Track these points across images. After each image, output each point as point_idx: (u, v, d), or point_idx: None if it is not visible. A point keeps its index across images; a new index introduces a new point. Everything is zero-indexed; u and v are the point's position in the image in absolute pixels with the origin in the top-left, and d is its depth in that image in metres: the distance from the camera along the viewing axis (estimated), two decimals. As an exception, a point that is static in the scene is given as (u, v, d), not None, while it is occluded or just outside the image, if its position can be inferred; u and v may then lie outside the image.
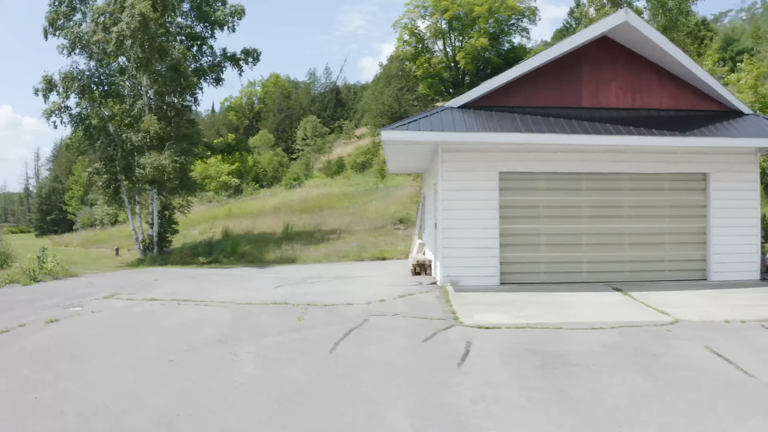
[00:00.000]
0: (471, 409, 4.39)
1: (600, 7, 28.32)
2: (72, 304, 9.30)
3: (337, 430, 4.09)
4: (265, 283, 11.01)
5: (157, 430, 4.18)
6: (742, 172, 10.25)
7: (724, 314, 7.53)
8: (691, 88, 10.29)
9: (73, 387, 5.19)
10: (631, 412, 4.34)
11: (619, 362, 5.52)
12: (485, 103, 9.75)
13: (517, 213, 9.72)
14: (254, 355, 5.94)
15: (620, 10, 9.36)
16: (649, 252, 10.06)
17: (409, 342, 6.23)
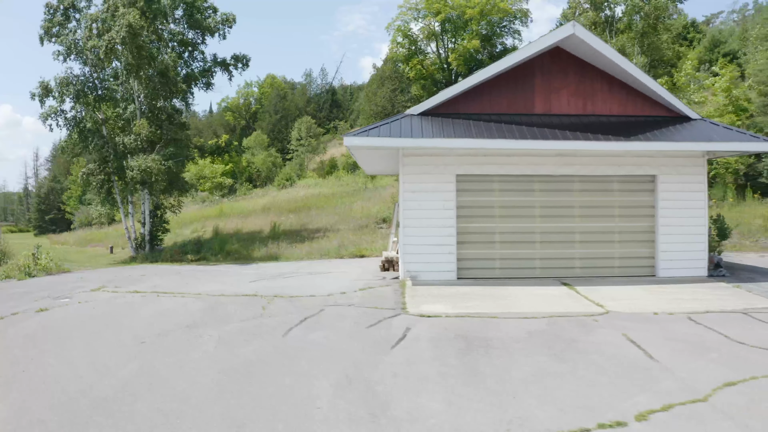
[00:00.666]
0: (388, 381, 5.15)
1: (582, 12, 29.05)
2: (62, 296, 10.05)
3: (269, 395, 4.85)
4: (242, 278, 11.76)
5: (120, 393, 4.95)
6: (689, 174, 10.98)
7: (657, 307, 8.26)
8: (640, 95, 11.03)
9: (55, 362, 5.96)
10: (529, 386, 5.06)
11: (537, 347, 6.26)
12: (444, 110, 10.51)
13: (474, 213, 10.47)
14: (215, 338, 6.70)
15: (568, 23, 10.09)
16: (599, 249, 10.80)
17: (355, 328, 6.99)
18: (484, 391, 4.94)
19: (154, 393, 4.97)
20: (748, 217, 19.68)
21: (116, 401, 4.80)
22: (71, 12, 20.17)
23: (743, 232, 18.99)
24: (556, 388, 5.02)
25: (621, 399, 4.79)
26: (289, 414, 4.48)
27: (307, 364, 5.69)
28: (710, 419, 4.36)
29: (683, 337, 6.75)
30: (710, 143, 10.25)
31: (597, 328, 7.06)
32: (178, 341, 6.64)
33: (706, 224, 11.13)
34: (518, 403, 4.66)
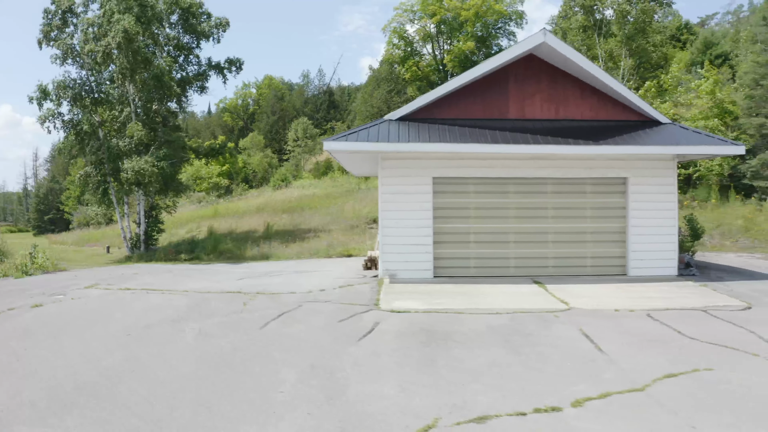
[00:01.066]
0: (349, 370, 5.62)
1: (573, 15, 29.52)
2: (56, 293, 10.52)
3: (239, 380, 5.33)
4: (230, 277, 12.24)
5: (104, 378, 5.43)
6: (660, 176, 11.43)
7: (620, 304, 8.70)
8: (611, 100, 11.50)
9: (47, 353, 6.44)
10: (479, 375, 5.52)
11: (495, 340, 6.72)
12: (421, 115, 10.98)
13: (450, 214, 10.94)
14: (197, 330, 7.18)
15: (539, 31, 10.56)
16: (571, 249, 11.27)
17: (328, 322, 7.47)
18: (436, 379, 5.40)
19: (135, 378, 5.45)
20: (729, 218, 20.11)
21: (100, 385, 5.27)
22: (69, 17, 20.64)
23: (724, 232, 19.45)
24: (504, 377, 5.48)
25: (563, 387, 5.23)
26: (254, 397, 4.95)
27: (278, 354, 6.16)
28: (642, 406, 4.77)
29: (637, 332, 7.20)
30: (678, 147, 10.71)
31: (556, 323, 7.52)
32: (162, 334, 7.11)
33: (676, 225, 11.59)
34: (465, 390, 5.12)
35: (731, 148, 11.11)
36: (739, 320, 7.84)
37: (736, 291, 9.99)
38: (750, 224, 19.32)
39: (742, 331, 7.29)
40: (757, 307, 8.67)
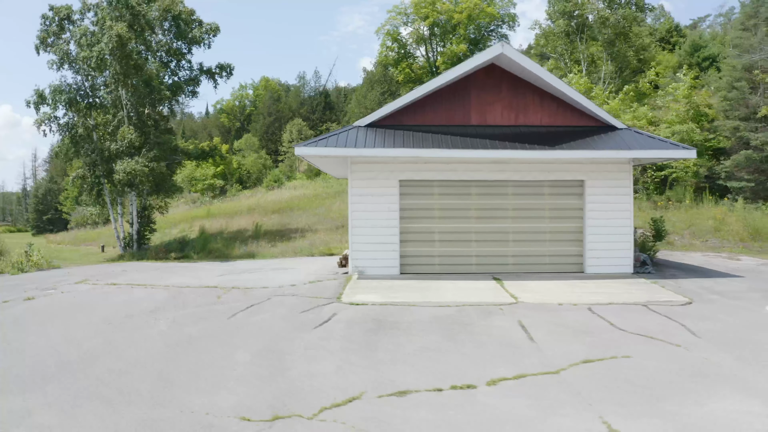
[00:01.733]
0: (298, 352, 6.37)
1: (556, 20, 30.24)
2: (48, 287, 11.27)
3: (199, 360, 6.09)
4: (212, 273, 12.98)
5: (83, 358, 6.19)
6: (616, 179, 12.15)
7: (566, 299, 9.39)
8: (569, 107, 12.22)
9: (35, 338, 7.20)
10: (411, 358, 6.26)
11: (436, 329, 7.45)
12: (389, 122, 11.72)
13: (415, 214, 11.69)
14: (170, 320, 7.93)
15: (498, 43, 11.29)
16: (531, 248, 12.01)
17: (290, 313, 8.22)
18: (372, 361, 6.15)
19: (109, 358, 6.20)
20: (701, 219, 20.81)
21: (78, 363, 6.03)
22: (66, 23, 21.37)
23: (695, 232, 20.17)
24: (434, 360, 6.22)
25: (484, 369, 5.96)
26: (211, 373, 5.70)
27: (239, 339, 6.91)
28: (550, 386, 5.47)
29: (572, 324, 7.90)
30: (631, 151, 11.44)
31: (498, 315, 8.25)
32: (138, 322, 7.86)
33: (631, 225, 12.32)
34: (395, 370, 5.87)
35: (682, 152, 11.85)
36: (675, 314, 8.53)
37: (684, 288, 10.71)
38: (720, 225, 20.03)
39: (673, 324, 7.99)
40: (697, 303, 9.37)
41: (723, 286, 10.92)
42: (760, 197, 22.64)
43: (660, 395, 5.22)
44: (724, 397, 5.16)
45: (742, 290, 10.58)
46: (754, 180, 22.63)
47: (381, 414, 4.69)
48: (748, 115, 23.56)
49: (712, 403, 5.01)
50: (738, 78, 24.27)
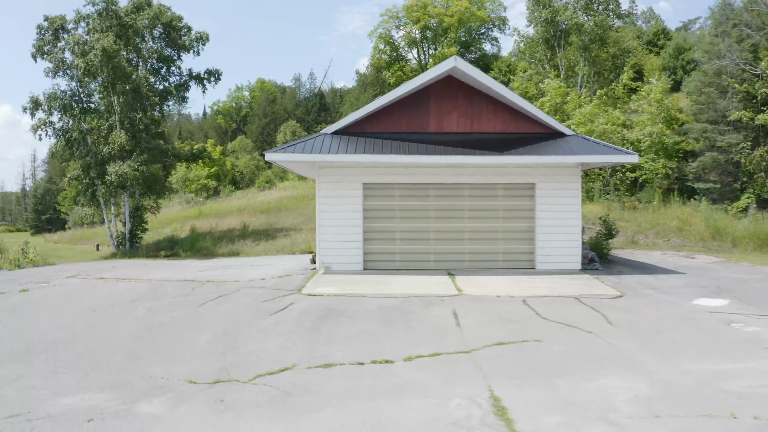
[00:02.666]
0: (251, 335, 7.42)
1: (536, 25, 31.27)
2: (42, 281, 12.32)
3: (166, 341, 7.14)
4: (193, 269, 14.02)
5: (67, 339, 7.24)
6: (564, 182, 13.19)
7: (506, 292, 10.33)
8: (521, 115, 13.25)
9: (27, 323, 8.25)
10: (347, 340, 7.28)
11: (378, 316, 8.48)
12: (354, 129, 12.76)
13: (378, 214, 12.73)
14: (147, 308, 8.98)
15: (451, 57, 12.34)
16: (485, 246, 13.05)
17: (253, 302, 9.26)
18: (312, 341, 7.18)
19: (90, 339, 7.25)
20: (667, 219, 21.82)
21: (62, 343, 7.07)
22: (60, 33, 22.41)
23: (659, 232, 21.19)
24: (366, 342, 7.25)
25: (406, 349, 6.96)
26: (173, 350, 6.75)
27: (204, 324, 7.96)
28: (458, 363, 6.44)
29: (501, 313, 8.90)
30: (577, 156, 12.48)
31: (438, 305, 9.28)
32: (119, 310, 8.91)
33: (579, 225, 13.35)
34: (330, 348, 6.90)
35: (625, 156, 12.90)
36: (602, 306, 9.50)
37: (624, 283, 11.72)
38: (684, 225, 21.05)
39: (596, 314, 8.96)
40: (628, 296, 10.37)
41: (662, 282, 11.93)
42: (727, 198, 23.70)
43: (553, 372, 6.16)
44: (611, 375, 6.00)
45: (678, 286, 11.58)
46: (720, 181, 23.70)
47: (304, 380, 5.73)
48: (716, 118, 24.60)
49: (599, 380, 5.92)
50: (707, 83, 25.32)
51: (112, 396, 5.25)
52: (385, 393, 5.45)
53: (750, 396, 5.38)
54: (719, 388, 5.62)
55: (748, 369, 6.28)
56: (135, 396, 5.23)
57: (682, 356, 6.75)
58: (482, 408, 5.08)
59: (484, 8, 56.83)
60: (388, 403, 5.17)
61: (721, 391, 5.51)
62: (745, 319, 8.73)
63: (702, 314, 9.01)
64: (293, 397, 5.27)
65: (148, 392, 5.34)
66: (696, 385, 5.74)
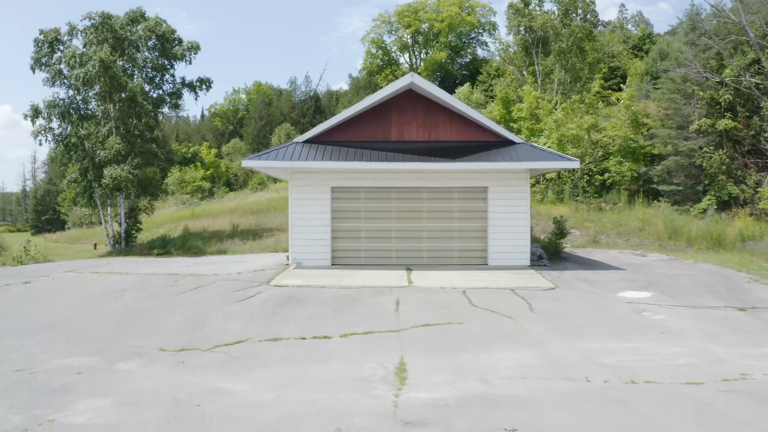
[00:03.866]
0: (218, 317, 8.81)
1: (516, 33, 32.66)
2: (42, 275, 13.72)
3: (145, 322, 8.54)
4: (180, 265, 15.41)
5: (63, 321, 8.64)
6: (514, 186, 14.54)
7: (451, 284, 11.59)
8: (474, 125, 14.62)
9: (29, 308, 9.65)
10: (299, 321, 8.65)
11: (330, 303, 9.85)
12: (322, 138, 14.16)
13: (345, 215, 14.12)
14: (133, 296, 10.38)
15: (409, 74, 13.72)
16: (442, 244, 14.43)
17: (226, 292, 10.66)
18: (268, 322, 8.57)
19: (82, 320, 8.65)
20: (629, 220, 23.19)
21: (59, 323, 8.47)
22: (56, 45, 23.81)
23: (620, 232, 22.55)
24: (314, 322, 8.62)
25: (346, 328, 8.32)
26: (150, 328, 8.14)
27: (180, 309, 9.35)
28: (385, 338, 7.81)
29: (439, 301, 10.20)
30: (523, 162, 13.84)
31: (386, 294, 10.65)
32: (109, 298, 10.31)
33: (528, 225, 14.73)
34: (281, 327, 8.28)
35: (567, 163, 14.26)
36: (532, 296, 10.80)
37: (563, 277, 13.06)
38: (644, 225, 22.42)
39: (522, 303, 10.28)
40: (560, 288, 11.71)
41: (599, 277, 13.27)
42: (690, 200, 25.06)
43: (460, 348, 7.51)
44: (509, 350, 7.31)
45: (613, 280, 12.91)
46: (683, 184, 25.05)
47: (253, 350, 7.13)
48: (681, 124, 25.95)
49: (496, 353, 7.25)
50: (674, 90, 26.69)
51: (97, 359, 6.65)
52: (316, 359, 6.84)
53: (616, 367, 6.67)
54: (596, 361, 6.94)
55: (631, 348, 7.59)
56: (115, 359, 6.63)
57: (581, 338, 8.09)
58: (387, 369, 6.47)
59: (474, 13, 58.30)
60: (315, 366, 6.56)
61: (595, 363, 6.83)
62: (657, 309, 10.06)
63: (620, 304, 10.33)
64: (240, 360, 6.67)
65: (126, 356, 6.74)
66: (577, 358, 7.08)
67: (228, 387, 5.64)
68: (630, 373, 6.33)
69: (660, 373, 6.38)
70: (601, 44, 34.98)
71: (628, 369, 6.55)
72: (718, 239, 19.97)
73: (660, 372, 6.43)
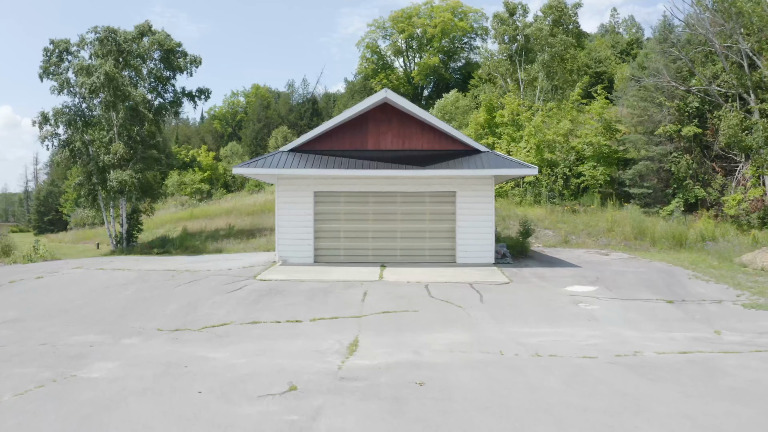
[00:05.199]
0: (207, 305, 10.29)
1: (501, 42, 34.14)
2: (52, 271, 15.20)
3: (145, 308, 10.04)
4: (178, 262, 16.89)
5: (74, 308, 10.14)
6: (480, 191, 15.99)
7: (418, 279, 12.98)
8: (444, 135, 16.10)
9: (44, 298, 11.14)
10: (276, 308, 10.13)
11: (306, 294, 11.32)
12: (306, 147, 15.65)
13: (326, 217, 15.61)
14: (135, 288, 11.87)
15: (383, 90, 15.22)
16: (414, 243, 15.91)
17: (216, 285, 12.15)
18: (249, 309, 10.05)
19: (91, 308, 10.14)
20: (600, 221, 24.67)
21: (72, 310, 9.96)
22: (65, 55, 25.33)
23: (590, 232, 24.03)
24: (289, 309, 10.10)
25: (315, 314, 9.78)
26: (149, 313, 9.63)
27: (175, 298, 10.84)
28: (347, 322, 9.24)
29: (401, 293, 11.63)
30: (486, 170, 15.31)
31: (356, 287, 12.11)
32: (113, 290, 11.80)
33: (492, 226, 16.19)
34: (261, 313, 9.76)
35: (526, 170, 15.74)
36: (486, 289, 12.24)
37: (520, 273, 14.47)
38: (613, 225, 23.89)
39: (476, 294, 11.72)
40: (514, 283, 13.14)
41: (554, 273, 14.72)
42: (659, 202, 26.53)
43: (408, 330, 8.95)
44: (448, 332, 8.76)
45: (565, 276, 14.37)
46: (653, 187, 26.53)
47: (235, 330, 8.62)
48: (653, 129, 27.43)
49: (436, 334, 8.69)
50: (645, 97, 28.17)
51: (105, 336, 8.14)
52: (286, 337, 8.33)
53: (533, 345, 8.08)
54: (519, 341, 8.38)
55: (555, 332, 9.01)
56: (120, 336, 8.13)
57: (515, 323, 9.55)
58: (342, 345, 7.95)
59: (467, 18, 59.80)
60: (284, 342, 8.04)
61: (517, 343, 8.26)
62: (594, 300, 11.50)
63: (562, 297, 11.78)
64: (223, 337, 8.16)
65: (129, 335, 8.23)
66: (504, 338, 8.52)
67: (210, 355, 7.13)
68: (541, 350, 7.78)
69: (565, 350, 7.82)
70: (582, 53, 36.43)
71: (542, 346, 7.99)
72: (680, 239, 21.46)
73: (566, 349, 7.87)
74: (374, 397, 5.51)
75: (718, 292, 12.24)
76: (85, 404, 5.26)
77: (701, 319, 9.94)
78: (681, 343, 8.17)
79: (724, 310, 10.70)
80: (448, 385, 6.00)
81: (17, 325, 8.99)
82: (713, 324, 9.58)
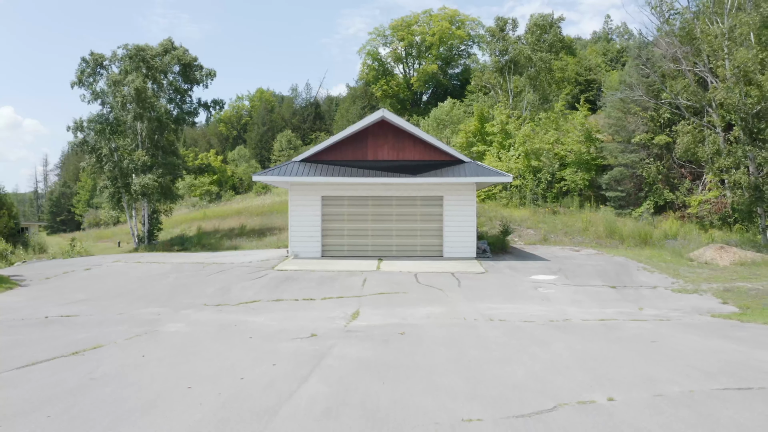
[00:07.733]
0: (237, 288, 12.84)
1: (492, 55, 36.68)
2: (95, 264, 17.76)
3: (187, 291, 12.60)
4: (202, 257, 19.43)
5: (127, 291, 12.70)
6: (464, 196, 18.51)
7: (408, 269, 15.60)
8: (433, 147, 18.65)
9: (99, 284, 13.70)
10: (293, 291, 12.68)
11: (315, 281, 13.87)
12: (315, 158, 18.21)
13: (332, 218, 18.16)
14: (174, 276, 14.43)
15: (380, 110, 17.76)
16: (408, 240, 18.45)
17: (242, 273, 14.70)
18: (273, 291, 12.59)
19: (142, 291, 12.70)
20: (577, 221, 27.17)
21: (128, 293, 12.52)
22: (98, 68, 27.93)
23: (568, 231, 26.54)
24: (303, 292, 12.63)
25: (325, 294, 12.34)
26: (193, 294, 12.18)
27: (210, 283, 13.39)
28: (350, 300, 11.84)
29: (394, 280, 14.19)
30: (468, 177, 17.82)
31: (357, 276, 14.65)
32: (155, 279, 14.35)
33: (474, 226, 18.72)
34: (282, 294, 12.31)
35: (502, 178, 18.24)
36: (464, 277, 14.79)
37: (496, 265, 16.98)
38: (588, 225, 26.42)
39: (455, 281, 14.27)
40: (489, 272, 15.67)
41: (524, 265, 17.21)
42: (633, 204, 29.07)
43: (397, 305, 11.52)
44: (428, 307, 11.26)
45: (533, 267, 16.86)
46: (626, 191, 29.07)
47: (263, 306, 11.17)
48: (627, 137, 29.97)
49: (419, 308, 11.15)
50: (621, 108, 30.71)
51: (166, 309, 10.70)
52: (304, 309, 10.89)
53: (491, 315, 10.60)
54: (482, 313, 10.91)
55: (513, 308, 11.53)
56: (177, 309, 10.68)
57: (483, 301, 12.09)
58: (347, 314, 10.50)
59: (464, 27, 62.38)
60: (303, 312, 10.59)
61: (480, 314, 10.79)
62: (551, 286, 14.02)
63: (525, 283, 14.31)
64: (256, 310, 10.72)
65: (184, 307, 10.79)
66: (471, 311, 11.06)
67: (250, 319, 9.69)
68: (495, 318, 10.31)
69: (514, 318, 10.35)
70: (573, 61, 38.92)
71: (498, 316, 10.51)
72: (645, 238, 24.02)
73: (515, 317, 10.39)
74: (369, 339, 8.05)
75: (657, 280, 14.75)
76: (176, 344, 7.80)
77: (633, 300, 12.47)
78: (606, 314, 10.70)
79: (655, 293, 13.23)
80: (421, 334, 8.54)
81: (90, 302, 11.55)
82: (640, 303, 12.11)
